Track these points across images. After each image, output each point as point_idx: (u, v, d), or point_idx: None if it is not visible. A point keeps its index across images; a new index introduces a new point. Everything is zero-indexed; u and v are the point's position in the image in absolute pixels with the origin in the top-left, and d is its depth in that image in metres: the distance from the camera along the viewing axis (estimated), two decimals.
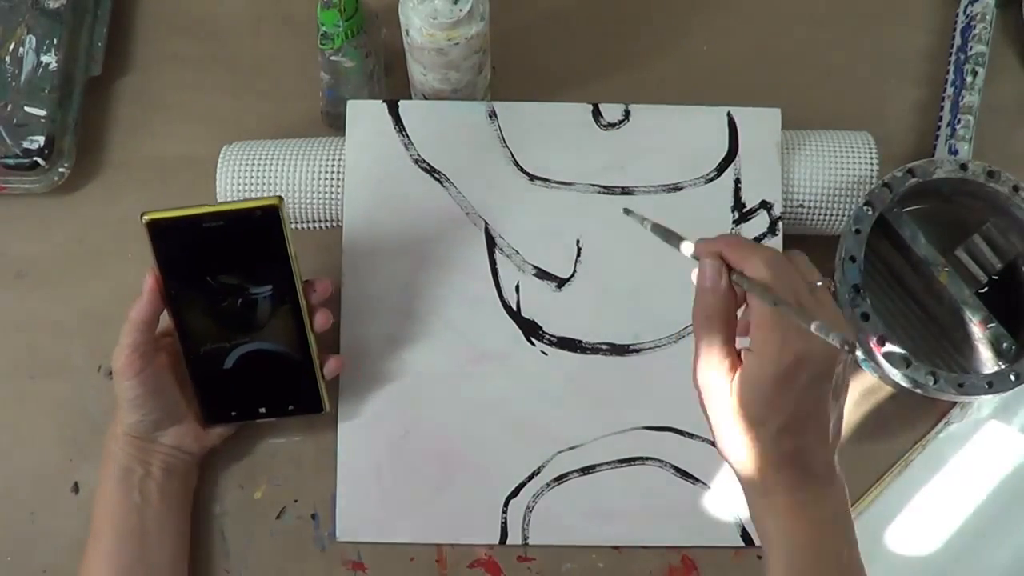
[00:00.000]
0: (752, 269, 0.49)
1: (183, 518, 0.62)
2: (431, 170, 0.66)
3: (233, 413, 0.62)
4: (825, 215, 0.66)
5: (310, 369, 0.60)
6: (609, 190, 0.66)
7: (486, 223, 0.65)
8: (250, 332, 0.59)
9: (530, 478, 0.64)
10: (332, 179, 0.65)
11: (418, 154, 0.66)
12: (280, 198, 0.56)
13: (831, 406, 0.50)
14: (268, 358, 0.60)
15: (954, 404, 0.66)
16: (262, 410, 0.62)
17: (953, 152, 0.69)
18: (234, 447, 0.65)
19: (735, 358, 0.50)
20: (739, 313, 0.52)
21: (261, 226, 0.56)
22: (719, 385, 0.50)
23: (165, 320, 0.59)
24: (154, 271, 0.57)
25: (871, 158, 0.66)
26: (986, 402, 0.66)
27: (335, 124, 0.69)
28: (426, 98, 0.68)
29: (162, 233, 0.56)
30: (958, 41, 0.73)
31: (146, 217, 0.56)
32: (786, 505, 0.50)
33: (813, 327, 0.45)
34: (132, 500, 0.60)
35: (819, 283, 0.51)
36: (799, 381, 0.48)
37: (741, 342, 0.51)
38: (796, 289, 0.49)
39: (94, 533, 0.60)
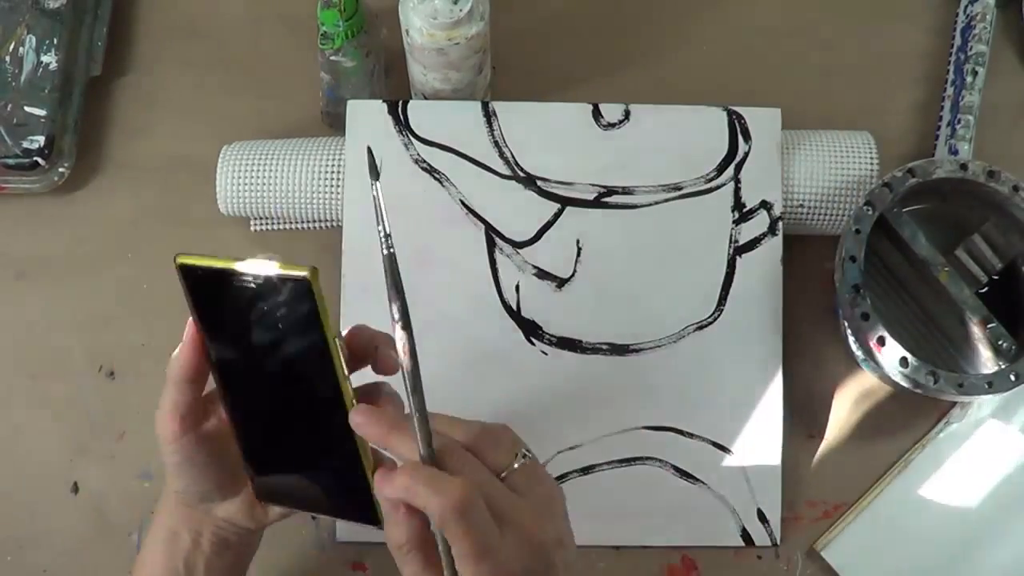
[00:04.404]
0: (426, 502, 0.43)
1: None
2: (431, 170, 0.66)
3: (284, 498, 0.52)
4: (825, 215, 0.66)
5: (357, 472, 0.48)
6: (609, 190, 0.66)
7: (486, 223, 0.65)
8: (293, 408, 0.49)
9: None
10: (332, 179, 0.65)
11: (418, 154, 0.66)
12: (315, 269, 0.45)
13: None
14: (311, 446, 0.49)
15: (954, 404, 0.66)
16: (310, 502, 0.51)
17: (953, 152, 0.69)
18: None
19: None
20: None
21: (291, 297, 0.46)
22: None
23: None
24: (195, 321, 0.48)
25: (871, 158, 0.66)
26: (986, 402, 0.66)
27: (335, 124, 0.69)
28: (426, 98, 0.68)
29: (196, 280, 0.47)
30: (958, 41, 0.73)
31: (179, 260, 0.47)
32: None
33: None
34: (175, 569, 0.52)
35: (520, 459, 0.46)
36: None
37: None
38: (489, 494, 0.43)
39: None
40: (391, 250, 0.47)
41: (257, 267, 0.46)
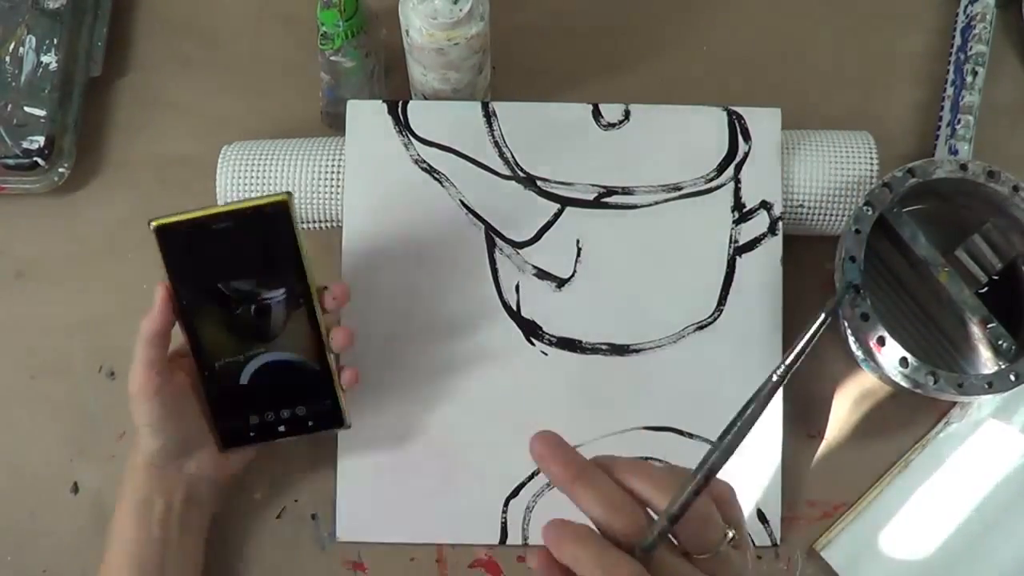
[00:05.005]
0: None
1: (200, 546, 0.60)
2: (431, 170, 0.66)
3: (251, 434, 0.59)
4: (825, 215, 0.66)
5: (328, 381, 0.58)
6: (609, 190, 0.66)
7: (486, 223, 0.65)
8: (265, 341, 0.57)
9: (530, 478, 0.64)
10: (332, 179, 0.65)
11: (418, 154, 0.66)
12: (289, 194, 0.54)
13: None
14: (284, 370, 0.58)
15: (954, 404, 0.66)
16: (281, 428, 0.59)
17: (953, 152, 0.69)
18: None
19: None
20: None
21: (271, 225, 0.55)
22: None
23: (178, 340, 0.57)
24: (164, 281, 0.55)
25: (871, 158, 0.66)
26: (986, 402, 0.66)
27: (335, 124, 0.69)
28: (426, 98, 0.68)
29: (171, 239, 0.54)
30: (958, 41, 0.73)
31: (154, 223, 0.54)
32: None
33: None
34: (152, 535, 0.57)
35: (728, 536, 0.42)
36: None
37: None
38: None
39: (109, 564, 0.57)
40: (783, 379, 0.42)
41: (235, 205, 0.54)
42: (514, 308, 0.65)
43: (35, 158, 0.67)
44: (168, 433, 0.56)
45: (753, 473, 0.64)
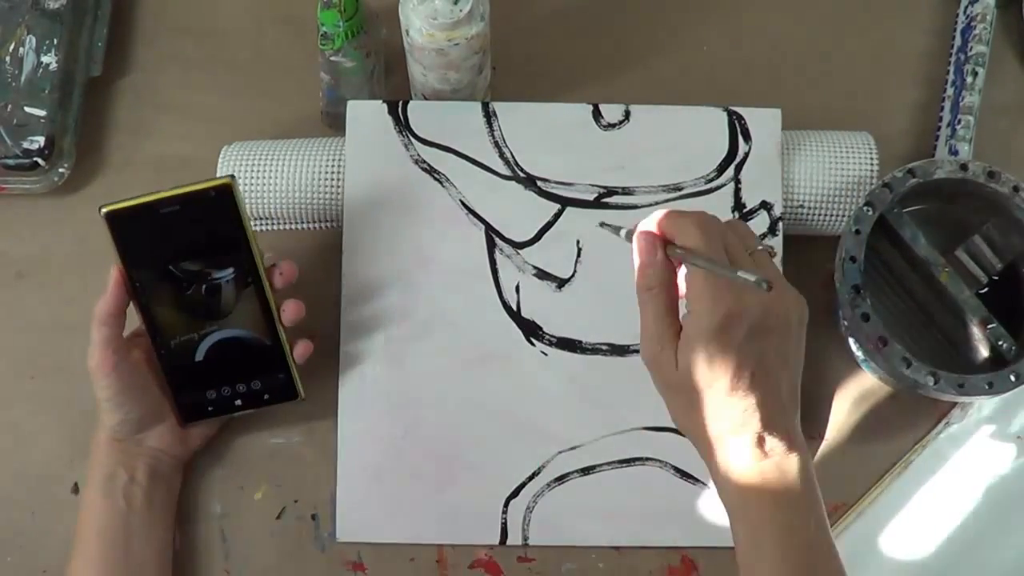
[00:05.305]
0: (684, 237, 0.50)
1: (167, 522, 0.62)
2: (431, 170, 0.66)
3: (209, 408, 0.61)
4: (825, 215, 0.66)
5: (281, 355, 0.61)
6: (609, 190, 0.66)
7: (486, 223, 0.65)
8: (217, 319, 0.59)
9: (530, 478, 0.64)
10: (332, 179, 0.65)
11: (418, 154, 0.66)
12: (232, 177, 0.57)
13: (778, 365, 0.50)
14: (238, 346, 0.60)
15: (954, 404, 0.66)
16: (238, 402, 0.61)
17: (953, 152, 0.69)
18: (234, 447, 0.65)
19: (678, 329, 0.51)
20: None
21: (216, 207, 0.57)
22: (664, 357, 0.51)
23: (137, 322, 0.59)
24: (117, 264, 0.57)
25: (871, 158, 0.66)
26: (986, 402, 0.66)
27: (335, 124, 0.69)
28: (426, 98, 0.68)
29: (122, 224, 0.56)
30: (958, 41, 0.73)
31: (104, 209, 0.56)
32: (744, 476, 0.50)
33: (738, 273, 0.47)
34: (117, 506, 0.59)
35: (759, 247, 0.52)
36: (735, 335, 0.48)
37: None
38: (732, 251, 0.50)
39: (79, 538, 0.60)
40: None
41: (182, 189, 0.56)
42: (514, 308, 0.65)
43: (35, 158, 0.67)
44: (127, 408, 0.59)
45: None
